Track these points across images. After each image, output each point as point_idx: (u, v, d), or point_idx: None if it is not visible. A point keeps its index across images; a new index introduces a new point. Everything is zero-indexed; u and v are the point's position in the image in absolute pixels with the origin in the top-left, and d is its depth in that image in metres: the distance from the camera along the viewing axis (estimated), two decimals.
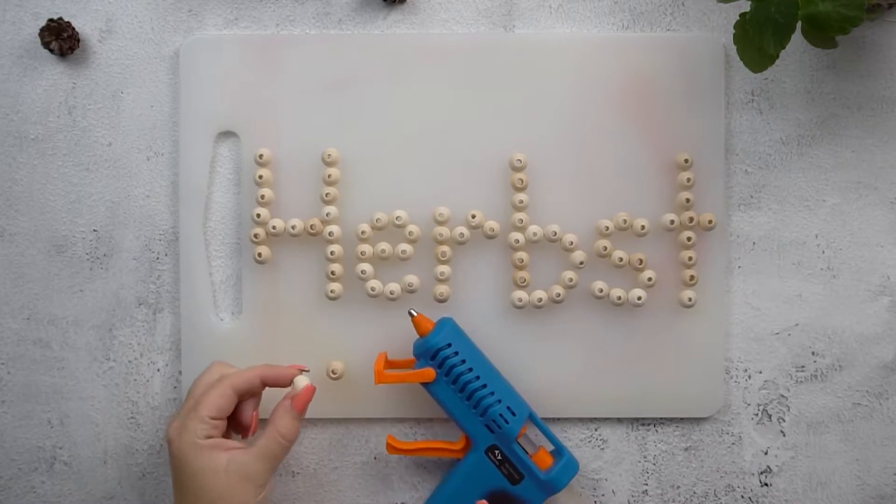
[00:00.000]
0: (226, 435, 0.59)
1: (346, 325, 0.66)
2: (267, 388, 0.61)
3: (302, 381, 0.60)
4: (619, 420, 0.67)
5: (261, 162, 0.65)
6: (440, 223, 0.65)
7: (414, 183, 0.66)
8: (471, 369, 0.61)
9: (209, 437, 0.57)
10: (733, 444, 0.67)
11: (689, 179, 0.65)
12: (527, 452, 0.63)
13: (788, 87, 0.67)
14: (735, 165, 0.67)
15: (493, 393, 0.62)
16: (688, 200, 0.64)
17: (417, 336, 0.63)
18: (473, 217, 0.64)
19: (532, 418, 0.64)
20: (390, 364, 0.64)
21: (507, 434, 0.62)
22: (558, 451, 0.64)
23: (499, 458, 0.62)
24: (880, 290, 0.67)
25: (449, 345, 0.62)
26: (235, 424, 0.61)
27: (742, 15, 0.58)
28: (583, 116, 0.66)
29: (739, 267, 0.67)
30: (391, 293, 0.64)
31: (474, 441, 0.62)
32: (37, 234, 0.67)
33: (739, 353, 0.67)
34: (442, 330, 0.62)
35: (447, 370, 0.61)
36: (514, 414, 0.62)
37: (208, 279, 0.66)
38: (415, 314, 0.63)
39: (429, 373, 0.61)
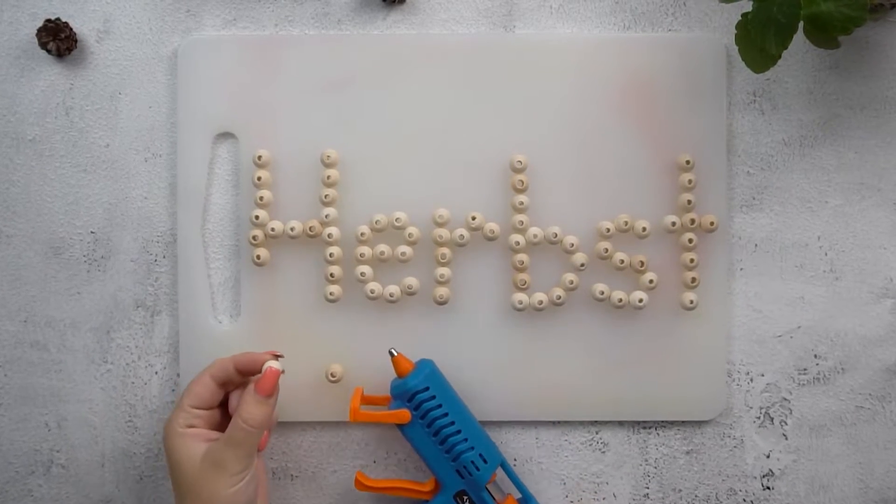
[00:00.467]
0: (223, 427, 0.59)
1: (345, 327, 0.66)
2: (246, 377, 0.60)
3: (274, 365, 0.59)
4: (621, 423, 0.67)
5: (259, 163, 0.65)
6: (440, 225, 0.64)
7: (413, 184, 0.65)
8: (446, 414, 0.61)
9: (191, 426, 0.58)
10: (735, 447, 0.67)
11: (690, 181, 0.64)
12: (495, 499, 0.63)
13: (791, 88, 0.66)
14: (737, 167, 0.66)
15: (466, 439, 0.61)
16: (689, 202, 0.64)
17: (396, 375, 0.63)
18: (473, 219, 0.64)
19: (503, 466, 0.64)
20: (366, 400, 0.64)
21: (476, 480, 0.62)
22: (525, 500, 0.64)
23: (466, 503, 0.62)
24: (883, 293, 0.66)
25: (427, 388, 0.61)
26: (229, 415, 0.60)
27: (744, 15, 0.58)
28: (583, 117, 0.65)
29: (741, 269, 0.67)
30: (391, 295, 0.64)
31: (443, 484, 0.62)
32: (34, 236, 0.67)
33: (741, 356, 0.67)
34: (421, 373, 0.62)
35: (423, 413, 0.61)
36: (485, 461, 0.62)
37: (206, 281, 0.66)
38: (395, 354, 0.62)
39: (404, 414, 0.61)
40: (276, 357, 0.60)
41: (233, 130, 0.66)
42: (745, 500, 0.67)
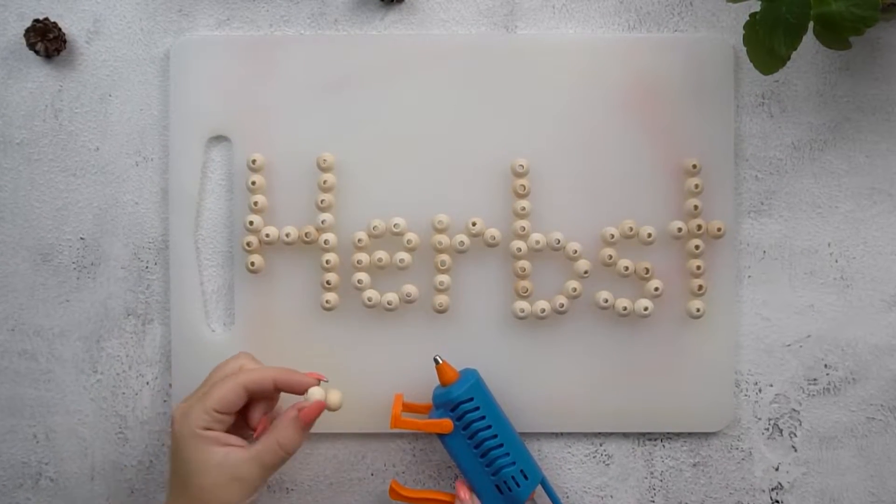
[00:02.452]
0: (232, 430, 0.58)
1: (342, 336, 0.65)
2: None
3: (317, 394, 0.57)
4: (625, 435, 0.66)
5: (254, 167, 0.64)
6: (439, 231, 0.63)
7: (412, 189, 0.64)
8: (489, 426, 0.60)
9: (209, 429, 0.56)
10: (743, 459, 0.66)
11: (697, 186, 0.64)
12: None
13: (800, 90, 0.66)
14: (745, 171, 0.66)
15: (508, 454, 0.60)
16: (696, 207, 0.63)
17: (438, 383, 0.62)
18: (474, 224, 0.63)
19: (543, 484, 0.63)
20: (406, 407, 0.62)
21: (516, 497, 0.60)
22: None
23: None
24: (895, 301, 0.65)
25: (471, 399, 0.60)
26: (245, 421, 0.59)
27: (752, 15, 0.58)
28: (587, 120, 0.65)
29: (749, 276, 0.66)
30: (389, 303, 0.63)
31: (481, 498, 0.61)
32: (21, 243, 0.65)
33: (749, 366, 0.66)
34: (466, 383, 0.61)
35: (466, 424, 0.60)
36: (526, 478, 0.61)
37: (199, 289, 0.65)
38: (440, 361, 0.61)
39: (447, 424, 0.60)
40: (320, 381, 0.58)
41: (226, 133, 0.65)
42: None
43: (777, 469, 0.66)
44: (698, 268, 0.63)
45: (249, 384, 0.57)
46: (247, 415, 0.58)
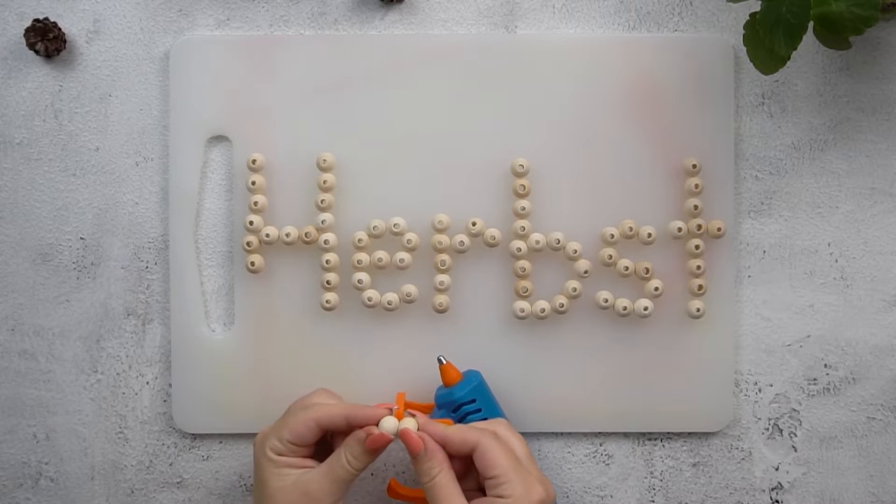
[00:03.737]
0: (315, 456, 0.59)
1: (342, 336, 0.64)
2: None
3: (388, 424, 0.56)
4: (625, 435, 0.66)
5: (254, 167, 0.64)
6: (439, 231, 0.63)
7: (412, 189, 0.64)
8: None
9: (281, 454, 0.57)
10: (743, 459, 0.66)
11: (697, 185, 0.63)
12: None
13: (800, 90, 0.65)
14: (745, 171, 0.65)
15: None
16: (696, 207, 0.63)
17: (441, 384, 0.62)
18: (474, 224, 0.63)
19: None
20: (409, 406, 0.60)
21: None
22: None
23: None
24: (895, 301, 0.65)
25: (473, 400, 0.61)
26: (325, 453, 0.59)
27: (752, 15, 0.57)
28: (587, 120, 0.64)
29: (749, 276, 0.65)
30: (389, 303, 0.63)
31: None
32: (21, 242, 0.65)
33: (749, 366, 0.66)
34: (468, 384, 0.61)
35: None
36: None
37: (199, 289, 0.65)
38: (444, 362, 0.62)
39: (447, 424, 0.59)
40: (392, 410, 0.57)
41: (226, 133, 0.65)
42: None
43: (777, 469, 0.66)
44: (698, 268, 0.63)
45: (321, 419, 0.57)
46: (329, 447, 0.59)
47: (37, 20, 0.63)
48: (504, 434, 0.58)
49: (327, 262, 0.63)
